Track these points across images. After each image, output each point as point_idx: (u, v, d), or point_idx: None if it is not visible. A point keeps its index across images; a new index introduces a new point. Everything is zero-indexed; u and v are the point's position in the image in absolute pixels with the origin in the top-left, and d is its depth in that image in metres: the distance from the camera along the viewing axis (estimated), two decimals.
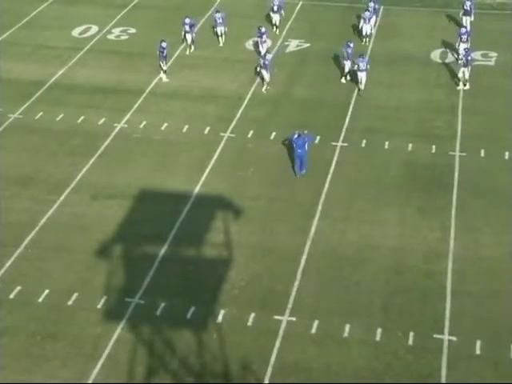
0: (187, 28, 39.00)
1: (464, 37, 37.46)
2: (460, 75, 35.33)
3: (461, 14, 40.93)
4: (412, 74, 37.50)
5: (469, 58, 34.89)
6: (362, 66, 34.86)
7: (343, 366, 21.27)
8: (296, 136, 28.99)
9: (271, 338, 22.16)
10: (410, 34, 41.53)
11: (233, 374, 20.97)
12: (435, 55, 39.20)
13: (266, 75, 35.52)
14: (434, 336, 22.17)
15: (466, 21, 40.44)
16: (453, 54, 38.51)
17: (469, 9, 40.45)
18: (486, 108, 34.12)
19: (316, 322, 22.70)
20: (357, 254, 25.42)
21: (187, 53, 39.24)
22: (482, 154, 30.76)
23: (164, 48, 36.39)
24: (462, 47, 36.96)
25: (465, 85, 35.34)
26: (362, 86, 35.08)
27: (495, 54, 39.06)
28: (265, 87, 35.69)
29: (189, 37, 39.24)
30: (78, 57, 39.66)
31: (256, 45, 38.95)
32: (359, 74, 35.11)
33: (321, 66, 38.40)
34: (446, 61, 38.38)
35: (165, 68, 36.79)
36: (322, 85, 36.45)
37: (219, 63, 38.76)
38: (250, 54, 38.91)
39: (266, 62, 35.31)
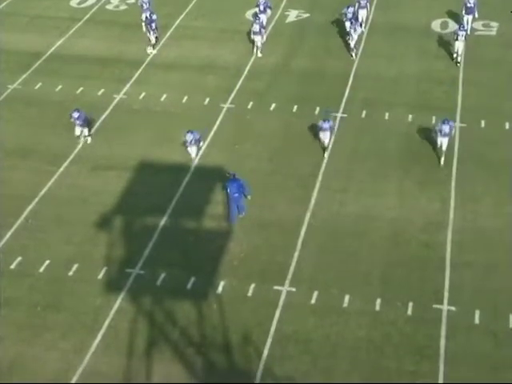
0: (153, 25, 36.64)
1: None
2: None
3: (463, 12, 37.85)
4: (412, 44, 37.29)
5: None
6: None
7: (342, 336, 21.37)
8: (230, 179, 25.54)
9: (271, 308, 22.25)
10: (410, 4, 41.28)
11: (233, 344, 21.08)
12: (436, 25, 38.96)
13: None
14: (434, 306, 22.26)
15: (468, 20, 37.47)
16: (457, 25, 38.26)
17: (473, 5, 37.30)
18: (487, 79, 33.98)
19: (315, 293, 22.78)
20: (356, 226, 25.45)
21: (152, 51, 36.79)
22: (483, 124, 30.69)
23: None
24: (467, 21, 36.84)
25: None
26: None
27: (496, 24, 38.83)
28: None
29: (152, 37, 36.90)
30: (77, 27, 39.43)
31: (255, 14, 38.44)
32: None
33: (321, 36, 38.18)
34: (447, 31, 38.15)
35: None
36: (322, 56, 36.26)
37: (218, 34, 38.53)
38: (250, 25, 38.56)
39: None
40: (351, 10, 37.00)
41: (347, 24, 36.50)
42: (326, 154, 28.71)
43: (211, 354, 20.89)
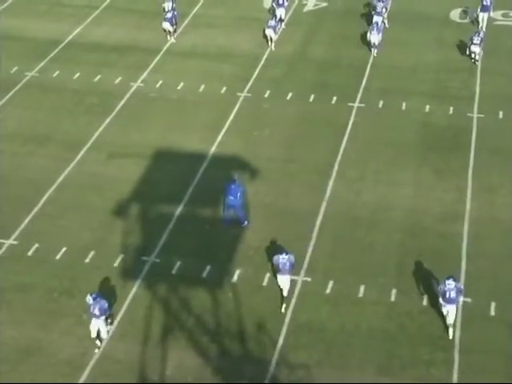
0: (168, 15, 36.27)
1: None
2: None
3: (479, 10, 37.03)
4: (430, 33, 37.12)
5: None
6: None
7: (357, 326, 21.38)
8: (232, 183, 24.85)
9: (286, 297, 22.26)
10: None
11: (247, 332, 21.15)
12: (455, 15, 38.73)
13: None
14: None
15: (483, 18, 36.83)
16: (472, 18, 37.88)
17: (488, 4, 36.67)
18: (505, 69, 33.79)
19: (331, 283, 22.79)
20: (372, 215, 25.41)
21: (172, 40, 36.75)
22: (501, 115, 30.51)
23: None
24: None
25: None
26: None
27: None
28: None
29: (168, 25, 36.19)
30: (95, 15, 39.51)
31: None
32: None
33: (338, 25, 38.08)
34: (466, 21, 37.92)
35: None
36: (340, 45, 36.16)
37: (236, 22, 38.52)
38: (267, 13, 38.52)
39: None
40: (380, 5, 36.55)
41: (375, 18, 35.66)
42: (284, 308, 21.96)
43: (226, 341, 20.97)
